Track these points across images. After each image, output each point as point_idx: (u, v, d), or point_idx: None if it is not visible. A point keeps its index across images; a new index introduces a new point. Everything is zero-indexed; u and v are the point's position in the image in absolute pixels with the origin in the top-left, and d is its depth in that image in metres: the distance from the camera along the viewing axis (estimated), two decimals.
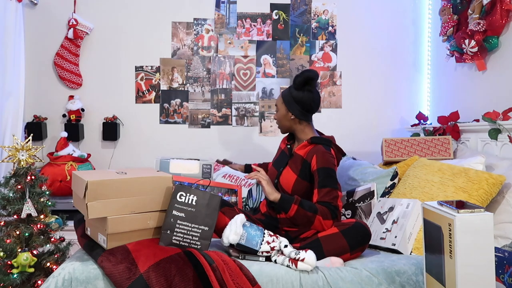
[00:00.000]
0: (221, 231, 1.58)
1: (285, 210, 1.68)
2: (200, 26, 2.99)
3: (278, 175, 1.87)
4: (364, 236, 1.60)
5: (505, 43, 2.15)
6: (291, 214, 1.67)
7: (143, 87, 2.97)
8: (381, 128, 3.02)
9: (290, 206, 1.66)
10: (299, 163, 1.81)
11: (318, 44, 3.03)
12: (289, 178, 1.81)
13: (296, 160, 1.83)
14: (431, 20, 2.97)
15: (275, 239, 1.53)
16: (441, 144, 2.26)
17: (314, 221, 1.64)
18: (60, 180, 2.60)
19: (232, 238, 1.50)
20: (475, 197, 1.70)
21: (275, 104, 1.97)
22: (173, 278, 1.34)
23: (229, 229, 1.52)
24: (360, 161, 2.48)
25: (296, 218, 1.67)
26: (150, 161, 2.91)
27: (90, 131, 2.93)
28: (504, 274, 1.29)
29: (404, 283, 1.44)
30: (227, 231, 1.52)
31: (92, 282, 1.38)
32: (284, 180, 1.83)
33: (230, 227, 1.53)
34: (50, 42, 2.87)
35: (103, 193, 1.44)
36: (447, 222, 1.08)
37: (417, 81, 3.06)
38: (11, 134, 2.44)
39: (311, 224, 1.65)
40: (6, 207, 1.79)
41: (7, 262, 1.71)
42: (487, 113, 2.06)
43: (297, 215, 1.65)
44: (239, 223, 1.53)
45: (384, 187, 2.04)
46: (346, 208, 2.08)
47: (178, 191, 1.55)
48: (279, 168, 1.89)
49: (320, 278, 1.42)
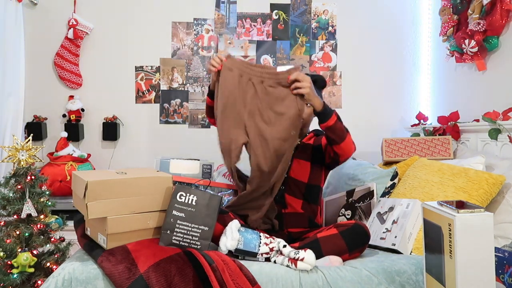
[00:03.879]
0: (217, 238, 1.56)
1: (328, 116, 1.65)
2: (200, 26, 2.99)
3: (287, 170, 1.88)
4: (363, 237, 1.60)
5: (505, 43, 2.15)
6: (331, 123, 1.65)
7: (143, 87, 2.97)
8: (381, 128, 3.02)
9: (331, 114, 1.66)
10: (309, 151, 1.88)
11: (318, 44, 3.03)
12: (304, 168, 1.86)
13: (305, 149, 1.90)
14: (431, 20, 2.97)
15: (272, 240, 1.53)
16: (441, 144, 2.26)
17: (347, 136, 1.70)
18: (60, 180, 2.60)
19: (230, 244, 1.49)
20: (475, 197, 1.70)
21: None
22: (173, 278, 1.34)
23: (225, 236, 1.52)
24: (360, 161, 2.48)
25: (335, 129, 1.67)
26: (150, 161, 2.91)
27: (90, 131, 2.93)
28: (504, 274, 1.29)
29: (404, 283, 1.44)
30: (223, 238, 1.51)
31: (92, 282, 1.38)
32: (297, 172, 1.86)
33: (226, 234, 1.52)
34: (50, 42, 2.87)
35: (103, 193, 1.44)
36: (447, 222, 1.08)
37: (417, 81, 3.06)
38: (11, 134, 2.44)
39: (344, 139, 1.69)
40: (6, 207, 1.79)
41: (7, 262, 1.72)
42: (487, 113, 2.05)
43: (336, 125, 1.66)
44: (234, 229, 1.52)
45: (384, 187, 2.04)
46: (346, 208, 2.08)
47: (178, 191, 1.55)
48: None
49: (320, 277, 1.42)
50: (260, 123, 1.66)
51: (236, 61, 1.70)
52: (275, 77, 1.66)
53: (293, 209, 1.85)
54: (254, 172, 1.68)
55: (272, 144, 1.63)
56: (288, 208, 1.84)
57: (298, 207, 1.85)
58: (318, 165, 1.88)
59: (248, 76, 1.68)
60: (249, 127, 1.67)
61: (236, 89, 1.67)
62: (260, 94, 1.67)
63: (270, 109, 1.66)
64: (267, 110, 1.66)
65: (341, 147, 1.71)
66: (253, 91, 1.67)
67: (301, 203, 1.85)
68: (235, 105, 1.67)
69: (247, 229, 1.57)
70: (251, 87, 1.67)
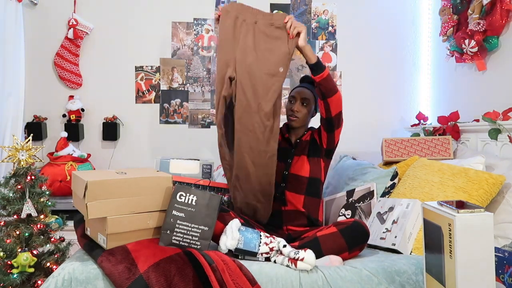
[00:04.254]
0: (217, 237, 1.57)
1: (321, 69, 1.75)
2: (200, 26, 2.99)
3: (288, 167, 1.91)
4: (362, 235, 1.60)
5: (505, 43, 2.15)
6: (325, 75, 1.75)
7: (143, 87, 2.97)
8: (381, 128, 3.02)
9: (324, 68, 1.76)
10: (307, 146, 1.95)
11: (318, 44, 3.03)
12: (303, 163, 1.91)
13: (303, 146, 1.96)
14: (431, 20, 2.97)
15: (272, 240, 1.53)
16: (441, 144, 2.26)
17: (338, 91, 1.80)
18: (60, 180, 2.60)
19: (230, 243, 1.49)
20: (475, 197, 1.70)
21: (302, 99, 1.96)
22: (172, 278, 1.34)
23: (225, 235, 1.52)
24: (360, 161, 2.48)
25: (328, 80, 1.76)
26: (150, 161, 2.91)
27: (90, 131, 2.93)
28: (504, 274, 1.29)
29: (404, 283, 1.44)
30: (224, 238, 1.51)
31: (92, 282, 1.38)
32: (298, 167, 1.90)
33: (226, 233, 1.52)
34: (50, 42, 2.87)
35: (103, 193, 1.44)
36: (447, 222, 1.08)
37: (417, 81, 3.06)
38: (11, 134, 2.44)
39: (336, 92, 1.79)
40: (6, 207, 1.79)
41: (7, 262, 1.72)
42: (487, 113, 2.05)
43: (329, 77, 1.76)
44: (235, 228, 1.52)
45: (384, 187, 2.04)
46: (346, 208, 2.08)
47: (178, 191, 1.55)
48: (286, 160, 1.94)
49: (320, 277, 1.42)
50: (250, 59, 1.73)
51: (235, 4, 1.82)
52: (269, 18, 1.77)
53: (293, 206, 1.86)
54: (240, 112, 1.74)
55: (260, 79, 1.70)
56: (288, 205, 1.86)
57: (299, 205, 1.86)
58: (317, 158, 1.93)
59: (243, 17, 1.78)
60: (239, 64, 1.74)
61: (231, 28, 1.77)
62: (253, 32, 1.76)
63: (260, 46, 1.74)
64: (258, 47, 1.75)
65: (333, 99, 1.79)
66: (246, 29, 1.77)
67: (302, 198, 1.87)
68: (228, 42, 1.76)
69: (248, 228, 1.57)
70: (244, 26, 1.77)
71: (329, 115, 1.83)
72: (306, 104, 1.95)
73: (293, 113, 1.94)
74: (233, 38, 1.76)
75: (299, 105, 1.94)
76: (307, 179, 1.88)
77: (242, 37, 1.75)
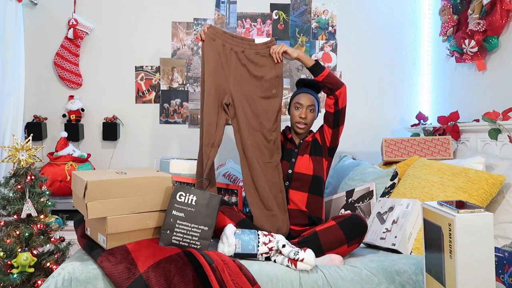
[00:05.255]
0: (220, 231, 1.58)
1: (321, 68, 1.87)
2: (200, 26, 2.99)
3: (292, 166, 1.94)
4: (360, 227, 1.61)
5: (505, 43, 2.14)
6: (326, 73, 1.86)
7: (143, 87, 2.97)
8: (381, 128, 3.02)
9: (324, 68, 1.88)
10: (310, 146, 1.99)
11: (318, 44, 3.03)
12: (307, 162, 1.94)
13: (306, 146, 1.99)
14: (431, 20, 2.97)
15: (271, 239, 1.53)
16: (441, 144, 2.26)
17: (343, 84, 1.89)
18: (60, 180, 2.60)
19: (228, 250, 1.50)
20: (475, 197, 1.70)
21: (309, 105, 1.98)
22: (172, 278, 1.34)
23: (222, 243, 1.52)
24: (360, 161, 2.48)
25: (331, 76, 1.87)
26: (150, 161, 2.91)
27: (90, 131, 2.93)
28: (504, 274, 1.29)
29: (404, 283, 1.44)
30: (221, 246, 1.52)
31: (92, 282, 1.38)
32: (301, 166, 1.93)
33: (222, 241, 1.53)
34: (50, 42, 2.87)
35: (103, 193, 1.44)
36: (447, 222, 1.08)
37: (417, 81, 3.06)
38: (11, 134, 2.44)
39: (341, 85, 1.88)
40: (6, 207, 1.79)
41: (7, 262, 1.72)
42: (487, 113, 2.05)
43: (331, 74, 1.87)
44: (230, 234, 1.53)
45: (384, 187, 2.04)
46: (346, 209, 2.08)
47: (177, 191, 1.55)
48: (290, 160, 1.96)
49: (320, 277, 1.42)
50: (245, 86, 1.91)
51: (218, 31, 1.92)
52: (254, 48, 1.93)
53: (295, 205, 1.88)
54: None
55: (258, 101, 1.91)
56: (291, 204, 1.89)
57: (302, 204, 1.88)
58: (319, 157, 1.96)
59: (230, 46, 1.92)
60: (235, 91, 1.90)
61: (220, 55, 1.90)
62: (243, 61, 1.92)
63: (252, 73, 1.92)
64: (250, 75, 1.92)
65: (341, 91, 1.89)
66: (236, 58, 1.92)
67: (306, 196, 1.89)
68: (219, 70, 1.89)
69: (244, 230, 1.57)
70: (234, 55, 1.92)
71: (338, 107, 1.90)
72: (311, 110, 1.99)
73: (301, 120, 1.96)
74: (224, 65, 1.90)
75: (306, 112, 1.96)
76: (311, 177, 1.91)
77: (233, 65, 1.91)
